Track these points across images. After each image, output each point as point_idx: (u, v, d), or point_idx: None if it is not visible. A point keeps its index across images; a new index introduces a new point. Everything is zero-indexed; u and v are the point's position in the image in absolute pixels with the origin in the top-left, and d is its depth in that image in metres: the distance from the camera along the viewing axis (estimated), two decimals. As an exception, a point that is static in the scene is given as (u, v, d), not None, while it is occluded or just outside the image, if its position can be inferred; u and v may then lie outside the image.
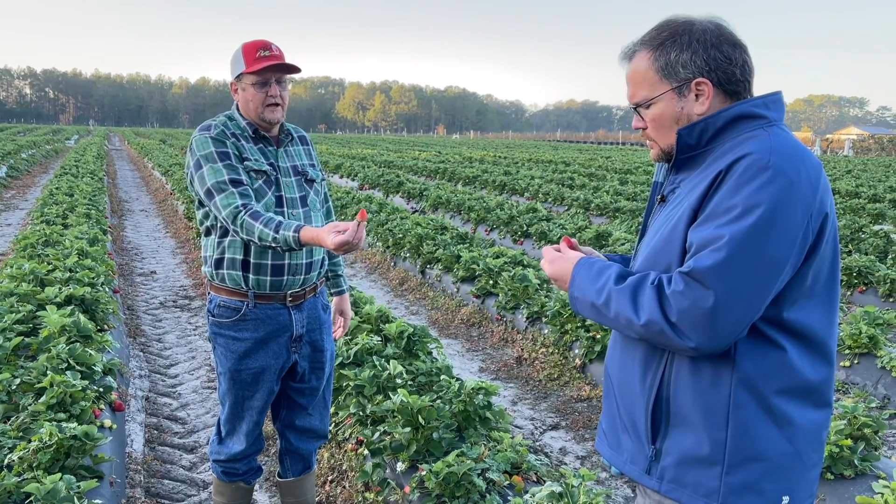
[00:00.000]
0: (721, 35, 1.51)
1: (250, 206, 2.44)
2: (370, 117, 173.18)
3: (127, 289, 7.63)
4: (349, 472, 3.54)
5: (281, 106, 2.61)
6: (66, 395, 3.39)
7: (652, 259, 1.54)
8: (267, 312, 2.65)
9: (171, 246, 10.38)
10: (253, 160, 2.59)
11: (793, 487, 1.50)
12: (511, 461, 3.18)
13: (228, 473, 2.86)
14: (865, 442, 3.44)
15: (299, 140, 2.80)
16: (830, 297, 1.52)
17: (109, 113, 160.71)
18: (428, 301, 7.44)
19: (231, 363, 2.68)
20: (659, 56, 1.54)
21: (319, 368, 2.86)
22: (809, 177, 1.42)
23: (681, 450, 1.52)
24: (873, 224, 12.70)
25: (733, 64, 1.50)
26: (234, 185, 2.49)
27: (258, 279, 2.62)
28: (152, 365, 5.39)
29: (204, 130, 2.60)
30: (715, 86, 1.52)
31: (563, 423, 4.53)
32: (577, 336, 5.30)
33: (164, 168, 19.59)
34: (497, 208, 11.53)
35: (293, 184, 2.68)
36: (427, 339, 4.53)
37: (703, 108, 1.52)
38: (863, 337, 5.08)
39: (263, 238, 2.38)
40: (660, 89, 1.55)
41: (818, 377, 1.51)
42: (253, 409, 2.76)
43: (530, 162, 29.69)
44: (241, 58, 2.57)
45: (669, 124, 1.56)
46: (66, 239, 7.16)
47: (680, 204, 1.53)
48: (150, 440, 4.13)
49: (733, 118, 1.50)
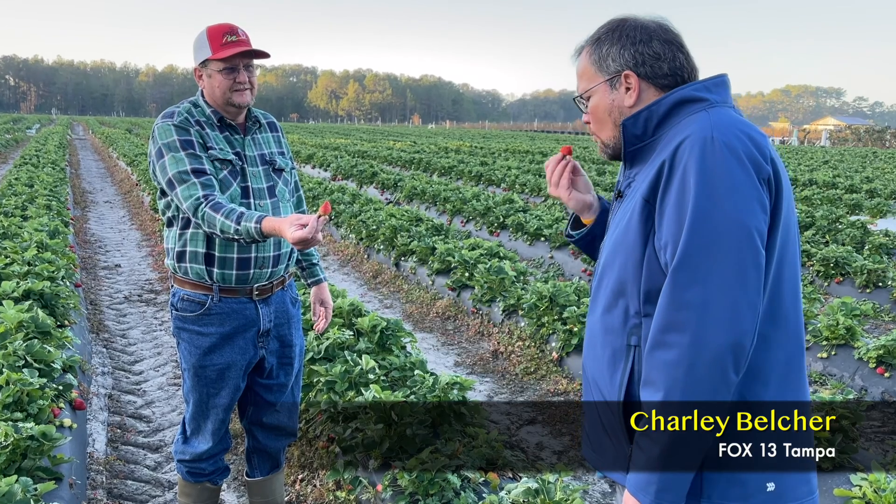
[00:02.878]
0: (653, 32, 1.59)
1: (212, 197, 2.39)
2: (343, 106, 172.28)
3: (90, 283, 7.50)
4: (320, 471, 3.50)
5: (250, 90, 2.54)
6: (22, 394, 3.30)
7: (613, 254, 1.58)
8: (232, 306, 2.60)
9: (137, 238, 10.23)
10: (217, 149, 2.53)
11: (776, 474, 1.49)
12: (486, 457, 3.16)
13: (194, 474, 2.81)
14: (843, 434, 3.47)
15: (268, 126, 2.73)
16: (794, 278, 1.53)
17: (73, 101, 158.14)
18: (402, 294, 7.40)
19: (195, 359, 2.63)
20: (594, 50, 1.64)
21: (288, 364, 2.81)
22: (753, 145, 1.45)
23: None
24: (850, 214, 12.89)
25: (661, 59, 1.57)
26: (196, 174, 2.43)
27: (223, 273, 2.56)
28: (116, 361, 5.29)
29: (167, 118, 2.52)
30: (642, 79, 1.59)
31: (539, 418, 4.52)
32: (554, 329, 5.30)
33: (130, 158, 19.29)
34: (473, 199, 11.51)
35: (260, 173, 2.62)
36: (401, 333, 4.49)
37: (630, 100, 1.59)
38: (840, 328, 5.14)
39: (225, 230, 2.33)
40: (595, 81, 1.64)
41: (782, 362, 1.51)
42: (218, 406, 2.70)
43: (507, 152, 29.72)
44: (206, 43, 2.49)
45: (604, 116, 1.64)
46: (24, 231, 7.01)
47: (633, 196, 1.56)
48: (113, 439, 4.06)
49: (675, 103, 1.55)
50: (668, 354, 1.41)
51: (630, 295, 1.53)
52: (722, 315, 1.38)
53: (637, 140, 1.58)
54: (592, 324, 1.65)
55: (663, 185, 1.47)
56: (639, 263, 1.51)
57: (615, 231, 1.60)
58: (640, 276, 1.51)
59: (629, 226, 1.53)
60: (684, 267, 1.40)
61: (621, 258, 1.54)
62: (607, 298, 1.59)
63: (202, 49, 2.51)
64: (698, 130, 1.45)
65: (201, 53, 2.52)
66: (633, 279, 1.52)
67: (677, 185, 1.44)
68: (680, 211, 1.42)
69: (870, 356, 4.90)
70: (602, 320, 1.60)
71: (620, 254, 1.55)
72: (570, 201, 1.86)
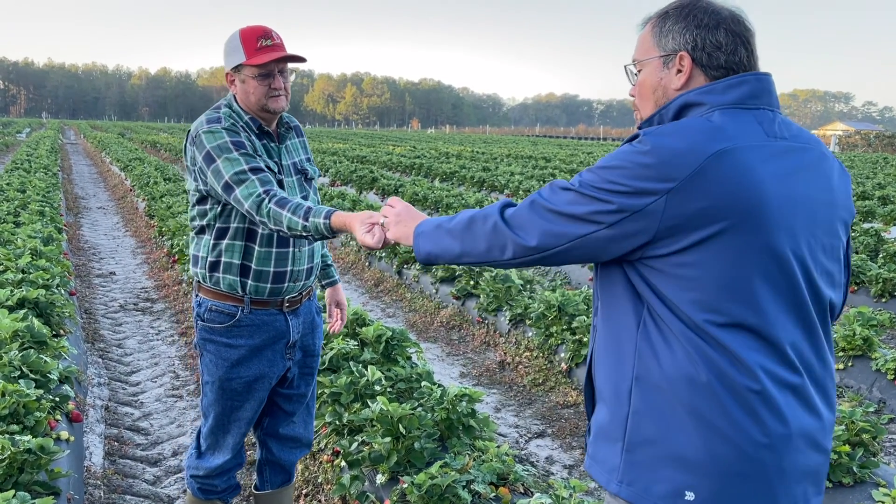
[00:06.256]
0: (723, 20, 1.54)
1: (273, 193, 2.30)
2: (341, 110, 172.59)
3: (84, 291, 7.49)
4: (325, 486, 3.48)
5: (285, 96, 2.50)
6: (19, 406, 3.29)
7: None
8: (263, 318, 2.58)
9: (132, 245, 10.22)
10: (259, 158, 2.47)
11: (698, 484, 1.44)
12: (497, 472, 3.14)
13: (205, 490, 2.78)
14: (864, 448, 3.46)
15: (295, 132, 2.71)
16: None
17: (64, 105, 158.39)
18: (405, 303, 7.39)
19: (222, 371, 2.59)
20: (658, 23, 1.60)
21: (309, 374, 2.82)
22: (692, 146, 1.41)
23: (597, 424, 1.60)
24: (863, 222, 12.88)
25: (721, 49, 1.53)
26: (254, 172, 2.35)
27: (257, 285, 2.54)
28: (112, 372, 5.27)
29: (213, 122, 2.44)
30: (696, 64, 1.55)
31: (549, 431, 4.50)
32: (563, 339, 5.28)
33: (124, 163, 19.30)
34: (476, 206, 11.51)
35: (294, 183, 2.60)
36: (406, 343, 4.48)
37: (678, 83, 1.56)
38: (857, 339, 5.13)
39: (293, 227, 2.23)
40: (649, 55, 1.61)
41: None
42: (241, 420, 2.68)
43: (509, 157, 29.75)
44: (239, 47, 2.43)
45: (648, 93, 1.62)
46: (17, 238, 7.00)
47: None
48: (111, 453, 4.03)
49: (680, 107, 1.54)
50: None
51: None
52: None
53: None
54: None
55: None
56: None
57: None
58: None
59: None
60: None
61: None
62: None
63: (235, 53, 2.44)
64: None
65: (234, 58, 2.45)
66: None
67: None
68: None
69: (888, 368, 4.89)
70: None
71: None
72: None
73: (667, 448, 1.46)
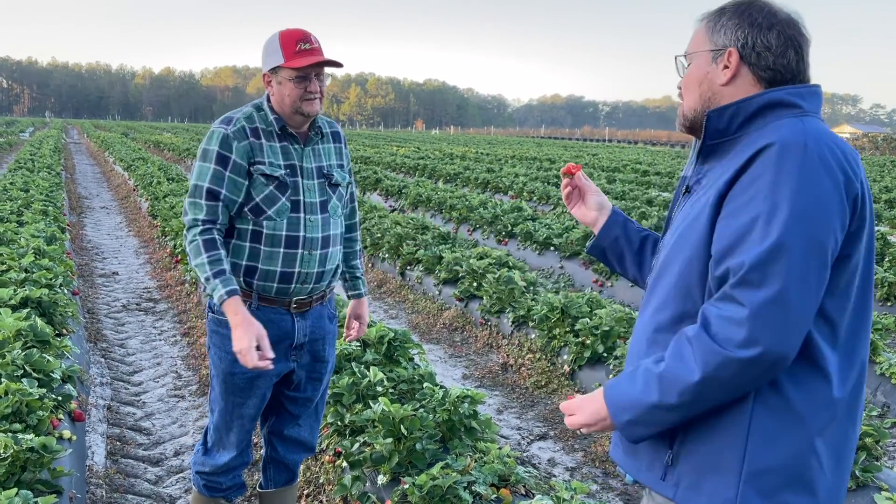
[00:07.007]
0: (777, 22, 1.55)
1: (208, 228, 2.46)
2: (345, 111, 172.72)
3: (87, 291, 7.52)
4: (326, 486, 3.50)
5: (319, 99, 2.55)
6: (21, 405, 3.31)
7: (677, 248, 1.56)
8: (270, 316, 2.60)
9: (134, 245, 10.26)
10: (267, 163, 2.52)
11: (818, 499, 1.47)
12: (498, 473, 3.16)
13: (210, 487, 2.81)
14: (867, 452, 3.47)
15: (331, 136, 2.72)
16: (864, 303, 1.51)
17: (67, 104, 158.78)
18: (408, 304, 7.40)
19: (225, 365, 2.63)
20: (714, 17, 1.61)
21: (317, 379, 2.82)
22: (846, 160, 1.43)
23: (698, 455, 1.50)
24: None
25: (771, 51, 1.54)
26: (209, 196, 2.47)
27: (264, 284, 2.58)
28: (114, 372, 5.30)
29: (223, 124, 2.53)
30: (743, 63, 1.55)
31: (551, 433, 4.52)
32: (566, 342, 5.30)
33: (127, 163, 19.36)
34: (480, 207, 11.52)
35: (315, 187, 2.60)
36: (409, 345, 4.49)
37: (723, 79, 1.57)
38: (861, 342, 5.12)
39: (199, 272, 2.44)
40: (700, 48, 1.62)
41: (846, 387, 1.49)
42: (244, 416, 2.71)
43: (514, 159, 29.76)
44: (278, 49, 2.48)
45: (693, 85, 1.62)
46: (21, 237, 7.03)
47: (705, 192, 1.54)
48: (113, 452, 4.06)
49: (766, 104, 1.52)
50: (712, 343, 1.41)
51: (692, 295, 1.52)
52: (775, 323, 1.36)
53: (718, 135, 1.57)
54: (643, 323, 1.64)
55: (744, 185, 1.44)
56: (705, 261, 1.49)
57: (679, 228, 1.58)
58: (706, 277, 1.49)
59: (697, 224, 1.51)
60: (751, 271, 1.37)
61: (685, 256, 1.53)
62: (663, 297, 1.58)
63: (274, 55, 2.49)
64: (790, 136, 1.43)
65: (272, 59, 2.50)
66: (698, 279, 1.50)
67: (761, 188, 1.41)
68: (756, 213, 1.39)
69: (892, 372, 4.89)
70: (654, 319, 1.59)
71: (685, 252, 1.53)
72: (577, 216, 2.02)
73: (792, 473, 1.45)
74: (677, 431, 1.53)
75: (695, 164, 1.66)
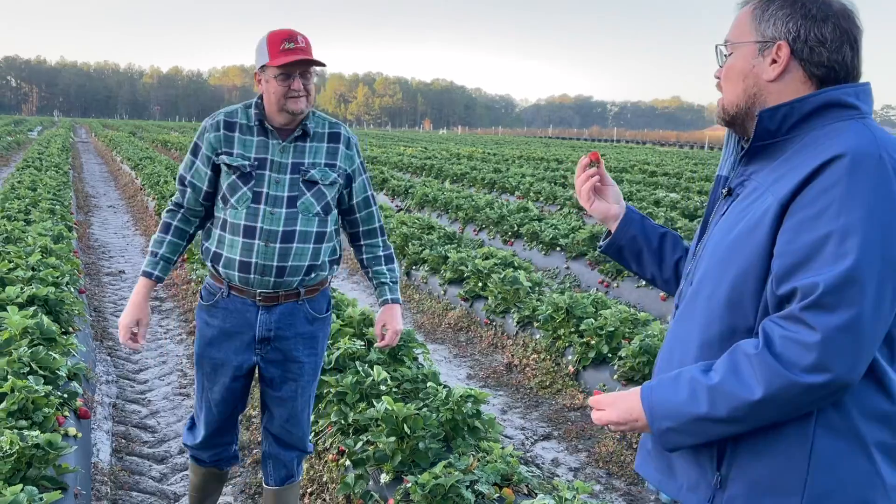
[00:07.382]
0: (832, 14, 1.45)
1: (172, 210, 2.79)
2: (352, 111, 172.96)
3: (94, 289, 7.57)
4: (329, 485, 3.52)
5: (305, 97, 2.60)
6: (28, 402, 3.34)
7: (727, 258, 1.45)
8: (237, 305, 2.71)
9: (141, 244, 10.31)
10: (235, 154, 2.63)
11: None
12: (501, 473, 3.17)
13: (196, 459, 2.99)
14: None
15: (328, 136, 2.72)
16: None
17: (75, 103, 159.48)
18: (413, 304, 7.42)
19: (198, 347, 2.81)
20: (761, 6, 1.50)
21: (292, 380, 2.81)
22: None
23: (754, 477, 1.43)
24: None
25: (825, 46, 1.43)
26: (180, 182, 2.77)
27: (228, 272, 2.68)
28: (120, 370, 5.34)
29: (208, 118, 2.74)
30: (794, 58, 1.45)
31: (555, 434, 4.53)
32: (571, 342, 5.30)
33: (134, 162, 19.44)
34: (486, 207, 11.53)
35: (285, 182, 2.63)
36: (413, 344, 4.51)
37: (772, 74, 1.47)
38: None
39: (151, 243, 2.81)
40: (745, 38, 1.51)
41: None
42: (211, 400, 2.82)
43: (521, 159, 29.75)
44: (265, 49, 2.58)
45: (736, 79, 1.52)
46: (28, 236, 7.08)
47: (758, 198, 1.44)
48: (118, 449, 4.09)
49: (823, 105, 1.43)
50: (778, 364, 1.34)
51: (744, 308, 1.42)
52: (846, 350, 1.30)
53: (769, 135, 1.47)
54: (682, 334, 1.55)
55: (812, 197, 1.34)
56: (762, 274, 1.40)
57: (730, 234, 1.47)
58: (762, 289, 1.40)
59: (755, 234, 1.41)
60: (825, 294, 1.29)
61: (739, 268, 1.42)
62: (709, 311, 1.47)
63: (261, 54, 2.60)
64: (863, 145, 1.34)
65: (261, 58, 2.60)
66: (752, 293, 1.41)
67: (832, 202, 1.32)
68: (828, 230, 1.31)
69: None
70: (702, 334, 1.49)
71: (738, 263, 1.43)
72: (592, 211, 1.88)
73: (856, 495, 1.39)
74: (725, 451, 1.46)
75: (736, 165, 1.57)
